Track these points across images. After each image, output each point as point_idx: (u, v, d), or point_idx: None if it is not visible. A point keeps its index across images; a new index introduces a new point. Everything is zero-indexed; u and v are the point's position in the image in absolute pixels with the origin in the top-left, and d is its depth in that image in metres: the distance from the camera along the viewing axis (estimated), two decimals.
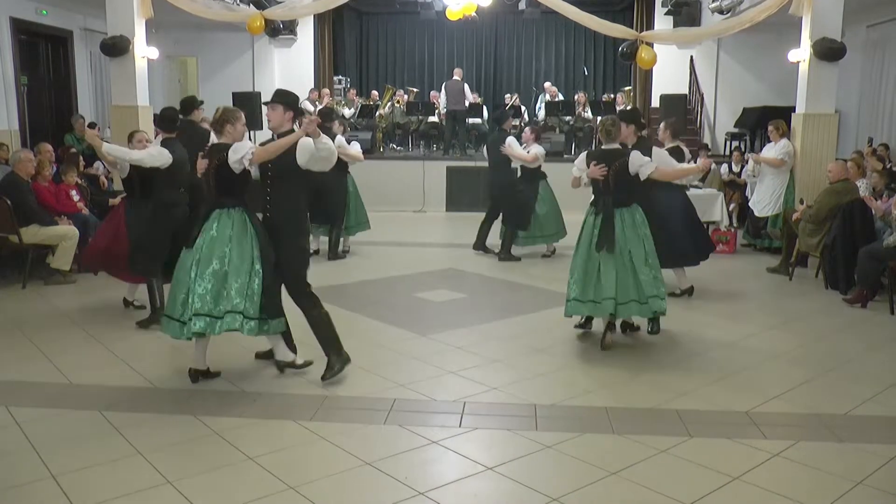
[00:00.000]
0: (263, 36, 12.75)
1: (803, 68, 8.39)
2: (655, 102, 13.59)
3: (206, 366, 4.59)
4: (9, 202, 6.83)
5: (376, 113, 14.05)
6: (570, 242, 6.67)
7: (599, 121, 5.86)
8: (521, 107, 14.51)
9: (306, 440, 3.80)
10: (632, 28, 12.10)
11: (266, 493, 3.26)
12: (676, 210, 6.66)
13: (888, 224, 6.63)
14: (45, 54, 12.05)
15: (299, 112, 4.83)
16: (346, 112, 14.17)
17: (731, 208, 9.74)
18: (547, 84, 15.28)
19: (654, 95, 14.03)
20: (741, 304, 6.83)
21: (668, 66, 13.44)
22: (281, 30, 12.77)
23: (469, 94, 14.27)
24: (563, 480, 3.40)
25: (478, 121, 14.30)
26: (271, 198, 4.55)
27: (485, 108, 14.90)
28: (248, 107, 11.57)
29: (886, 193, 7.37)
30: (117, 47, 8.65)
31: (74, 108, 12.24)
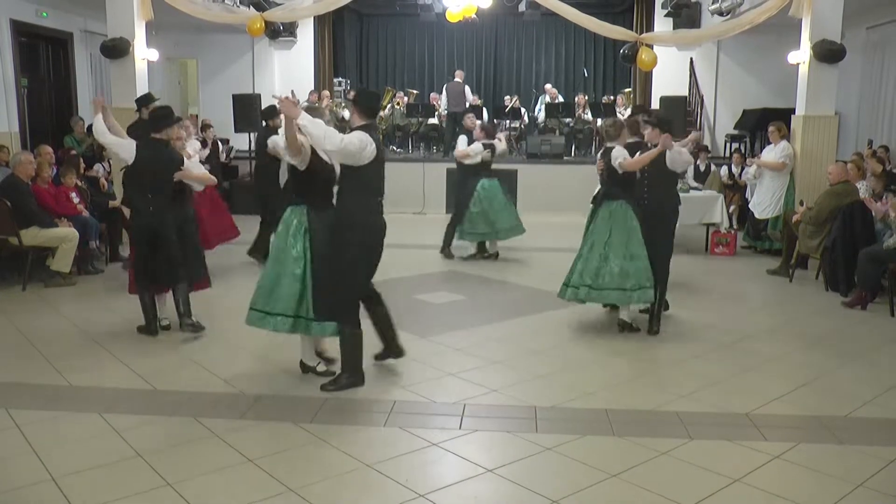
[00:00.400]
0: (263, 38, 12.74)
1: (803, 70, 8.39)
2: (655, 104, 13.58)
3: (317, 359, 4.78)
4: (9, 204, 6.84)
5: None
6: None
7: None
8: (520, 108, 14.51)
9: (306, 442, 3.80)
10: (632, 30, 12.11)
11: (266, 495, 3.26)
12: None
13: (888, 226, 6.63)
14: (45, 56, 12.04)
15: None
16: (347, 114, 14.17)
17: (731, 210, 9.74)
18: (547, 86, 15.27)
19: (655, 97, 14.02)
20: (741, 305, 6.83)
21: (668, 67, 13.44)
22: (281, 31, 12.76)
23: (470, 95, 14.25)
24: (564, 482, 3.40)
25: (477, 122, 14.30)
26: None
27: (485, 109, 14.90)
28: (247, 108, 11.59)
29: (886, 195, 7.36)
30: (117, 49, 8.65)
31: (74, 110, 12.23)
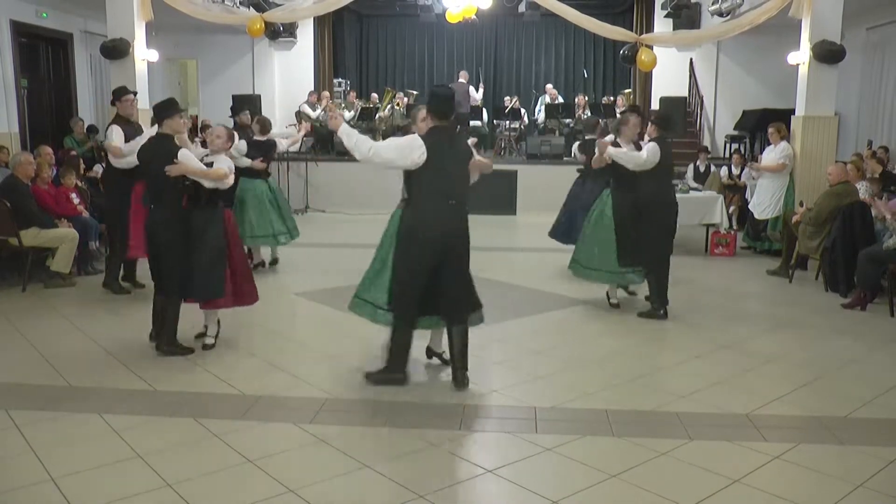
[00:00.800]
0: (263, 38, 12.74)
1: (803, 71, 8.39)
2: (655, 105, 13.59)
3: (442, 349, 4.93)
4: (8, 205, 6.83)
5: (376, 115, 14.06)
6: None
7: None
8: (520, 109, 14.51)
9: (306, 443, 3.79)
10: (632, 30, 12.13)
11: (266, 496, 3.25)
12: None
13: (887, 227, 6.63)
14: (45, 57, 12.06)
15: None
16: (347, 115, 14.18)
17: (730, 211, 9.74)
18: (548, 86, 15.28)
19: (655, 98, 14.03)
20: (741, 306, 6.83)
21: (668, 68, 13.45)
22: (281, 32, 12.75)
23: (475, 95, 14.25)
24: (564, 483, 3.39)
25: (478, 123, 14.33)
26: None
27: (485, 110, 14.91)
28: (247, 109, 11.56)
29: (884, 195, 7.36)
30: (117, 50, 8.65)
31: (74, 110, 12.24)
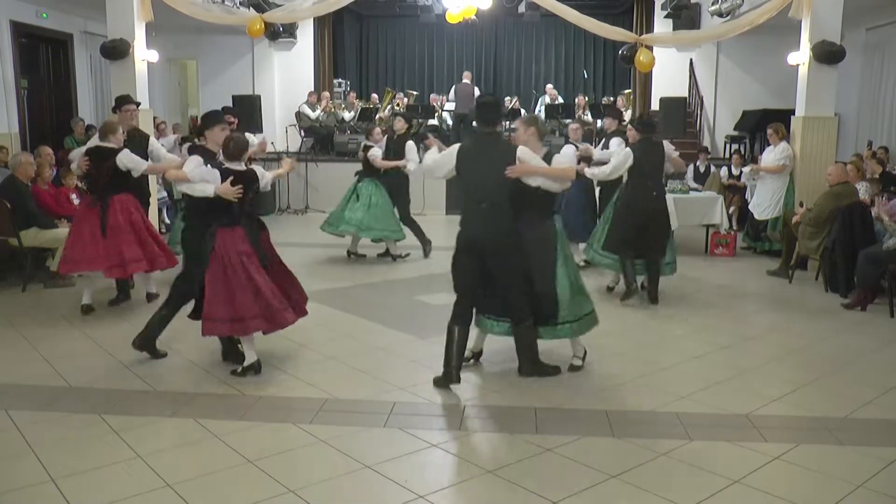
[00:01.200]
0: (263, 39, 12.71)
1: (803, 71, 8.39)
2: (655, 105, 13.58)
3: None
4: (8, 205, 6.84)
5: (376, 116, 14.05)
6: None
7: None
8: (520, 109, 14.51)
9: (306, 443, 3.80)
10: (631, 31, 12.12)
11: (266, 496, 3.26)
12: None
13: (886, 228, 6.63)
14: (45, 57, 12.05)
15: None
16: (346, 115, 14.18)
17: (730, 211, 9.73)
18: (548, 87, 15.28)
19: (654, 98, 14.02)
20: (741, 306, 6.83)
21: (668, 68, 13.44)
22: (281, 33, 12.72)
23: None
24: (563, 484, 3.39)
25: None
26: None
27: None
28: (248, 110, 11.57)
29: (884, 195, 7.36)
30: (117, 50, 8.64)
31: (74, 111, 12.23)
